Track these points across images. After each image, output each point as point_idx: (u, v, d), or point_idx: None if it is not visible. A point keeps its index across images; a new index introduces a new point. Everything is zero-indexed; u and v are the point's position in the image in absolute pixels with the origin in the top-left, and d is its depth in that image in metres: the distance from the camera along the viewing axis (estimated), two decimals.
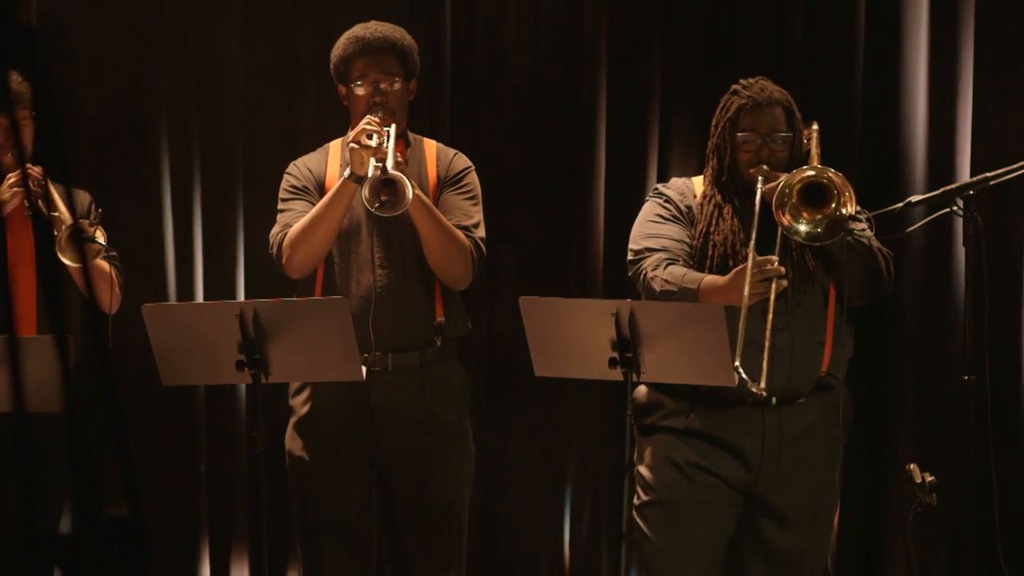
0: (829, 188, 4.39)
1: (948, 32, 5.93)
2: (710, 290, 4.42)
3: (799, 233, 4.39)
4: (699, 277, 4.46)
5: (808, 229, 4.39)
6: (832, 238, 4.40)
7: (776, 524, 4.59)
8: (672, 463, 4.57)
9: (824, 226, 4.39)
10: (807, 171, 4.41)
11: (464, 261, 4.83)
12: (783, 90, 4.66)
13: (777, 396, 4.53)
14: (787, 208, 4.37)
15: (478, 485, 6.08)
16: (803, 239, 4.41)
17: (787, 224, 4.36)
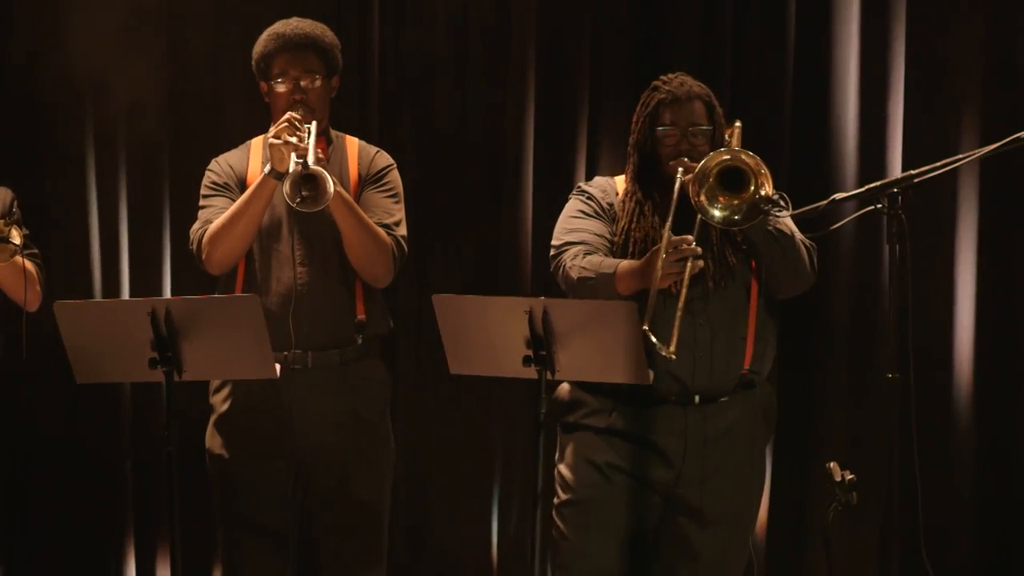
0: (746, 172, 4.37)
1: (879, 27, 5.92)
2: (626, 273, 4.42)
3: (715, 217, 4.37)
4: (616, 262, 4.46)
5: (725, 214, 4.37)
6: (749, 223, 4.39)
7: (698, 523, 4.58)
8: (591, 463, 4.56)
9: (742, 211, 4.37)
10: (723, 154, 4.39)
11: (385, 259, 4.81)
12: (703, 85, 4.65)
13: (700, 394, 4.53)
14: (704, 192, 4.35)
15: (405, 483, 6.08)
16: (719, 223, 4.39)
17: (703, 207, 4.34)
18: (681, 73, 4.67)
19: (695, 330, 4.48)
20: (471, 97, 6.13)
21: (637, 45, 6.05)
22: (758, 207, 4.35)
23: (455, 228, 6.10)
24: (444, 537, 6.18)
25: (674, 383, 4.49)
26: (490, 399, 6.06)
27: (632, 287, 4.41)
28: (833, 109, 5.96)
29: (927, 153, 5.22)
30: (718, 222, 4.38)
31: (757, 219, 4.37)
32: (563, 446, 4.65)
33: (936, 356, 5.93)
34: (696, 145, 4.55)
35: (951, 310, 5.94)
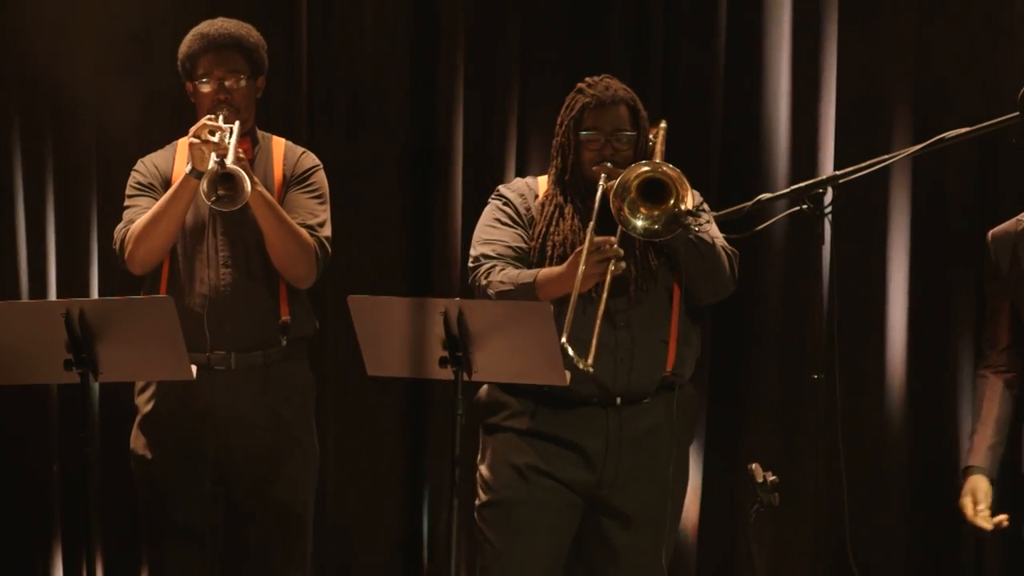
0: (667, 184, 4.37)
1: (811, 28, 5.94)
2: (547, 279, 4.42)
3: (636, 228, 4.37)
4: (535, 271, 4.46)
5: (645, 224, 4.38)
6: (670, 234, 4.39)
7: (619, 525, 4.58)
8: (511, 465, 4.56)
9: (662, 222, 4.37)
10: (644, 167, 4.40)
11: (307, 260, 4.80)
12: (628, 88, 4.64)
13: (621, 396, 4.52)
14: (626, 203, 4.35)
15: (335, 485, 6.07)
16: (640, 235, 4.39)
17: (624, 218, 4.34)
18: (606, 76, 4.66)
19: (616, 333, 4.48)
20: (399, 97, 6.11)
21: (567, 43, 6.04)
22: (678, 219, 4.36)
23: (385, 228, 6.09)
24: (374, 538, 6.17)
25: (595, 386, 4.49)
26: (420, 400, 6.05)
27: (554, 293, 4.40)
28: (764, 109, 5.97)
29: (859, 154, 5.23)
30: (639, 233, 4.38)
31: (677, 231, 4.37)
32: (484, 448, 4.65)
33: (868, 357, 5.95)
34: (620, 150, 4.55)
35: (883, 311, 5.95)
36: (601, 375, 4.46)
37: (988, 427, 4.46)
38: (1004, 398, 4.46)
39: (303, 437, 4.93)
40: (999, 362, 4.48)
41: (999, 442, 4.43)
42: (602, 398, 4.51)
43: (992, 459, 4.42)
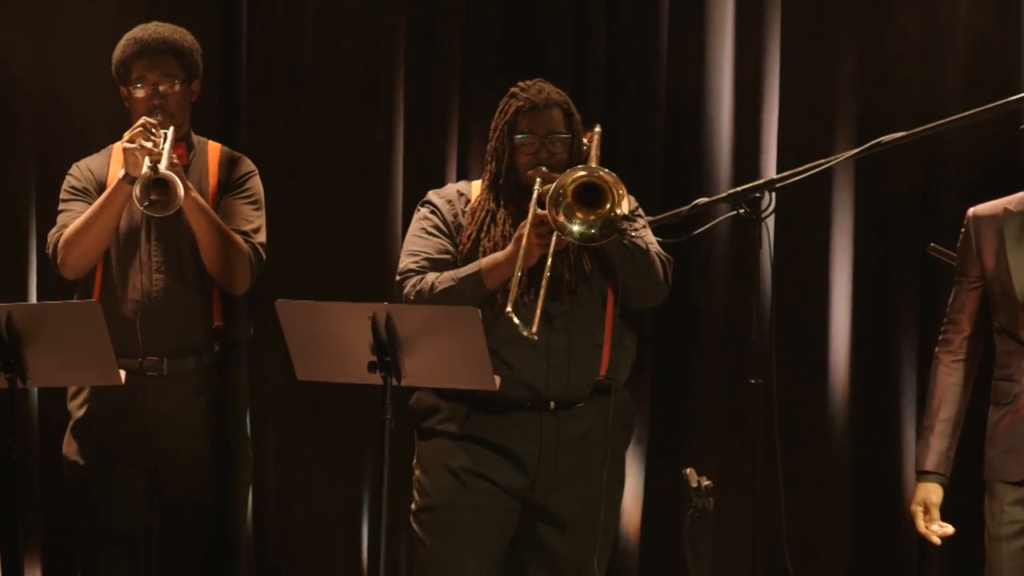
0: (603, 189, 4.37)
1: (754, 31, 5.94)
2: (493, 263, 4.41)
3: (572, 233, 4.37)
4: (478, 262, 4.45)
5: (582, 229, 4.37)
6: (606, 238, 4.39)
7: (554, 529, 4.56)
8: (447, 468, 4.54)
9: (598, 226, 4.37)
10: (579, 171, 4.39)
11: (241, 266, 4.80)
12: (561, 92, 4.63)
13: (555, 400, 4.51)
14: (561, 208, 4.35)
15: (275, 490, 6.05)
16: (576, 239, 4.39)
17: (560, 223, 4.34)
18: (539, 80, 4.65)
19: (549, 337, 4.46)
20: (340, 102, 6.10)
21: (509, 45, 6.04)
22: (614, 224, 4.35)
23: (323, 232, 6.07)
24: (314, 543, 6.15)
25: (527, 390, 4.48)
26: (357, 404, 6.04)
27: (502, 275, 4.39)
28: (707, 112, 5.98)
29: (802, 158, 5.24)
30: (576, 238, 4.38)
31: (612, 236, 4.37)
32: (420, 452, 4.64)
33: (811, 360, 5.96)
34: (554, 153, 4.54)
35: (826, 314, 5.96)
36: (533, 379, 4.46)
37: (941, 428, 4.43)
38: (958, 395, 4.42)
39: (236, 443, 4.93)
40: (958, 349, 4.44)
41: (952, 445, 4.39)
42: (535, 402, 4.50)
43: (946, 465, 4.39)
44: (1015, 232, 4.27)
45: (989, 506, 4.30)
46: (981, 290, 4.38)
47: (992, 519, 4.28)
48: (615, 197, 4.35)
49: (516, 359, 4.43)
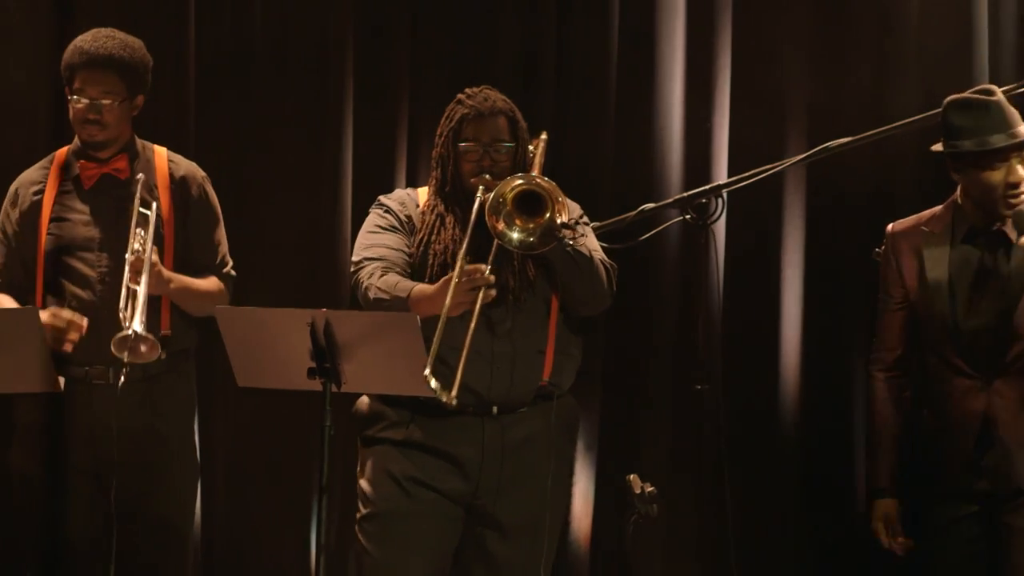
0: (543, 197, 4.38)
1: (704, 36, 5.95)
2: (419, 298, 4.41)
3: (512, 241, 4.38)
4: (411, 285, 4.45)
5: (521, 237, 4.39)
6: (545, 247, 4.40)
7: (499, 535, 4.57)
8: (390, 476, 4.54)
9: (538, 235, 4.38)
10: (518, 179, 4.41)
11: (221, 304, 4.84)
12: (507, 100, 4.64)
13: (498, 405, 4.52)
14: (501, 216, 4.36)
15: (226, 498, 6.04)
16: (516, 247, 4.40)
17: (500, 231, 4.35)
18: (486, 87, 4.66)
19: (493, 343, 4.48)
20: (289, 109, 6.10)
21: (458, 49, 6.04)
22: (553, 232, 4.36)
23: (273, 237, 6.06)
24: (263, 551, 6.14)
25: (470, 395, 4.48)
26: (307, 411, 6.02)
27: (424, 311, 4.38)
28: (657, 118, 5.99)
29: (754, 163, 5.27)
30: (515, 246, 4.39)
31: (552, 244, 4.38)
32: (363, 460, 4.64)
33: (762, 365, 5.97)
34: (498, 161, 4.55)
35: (777, 319, 5.97)
36: (476, 384, 4.47)
37: (888, 444, 4.49)
38: (895, 413, 4.49)
39: (183, 450, 4.93)
40: (892, 367, 4.51)
41: (897, 460, 4.45)
42: (478, 407, 4.51)
43: (896, 478, 4.44)
44: (934, 255, 4.30)
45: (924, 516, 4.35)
46: (907, 311, 4.43)
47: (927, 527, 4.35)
48: (554, 205, 4.37)
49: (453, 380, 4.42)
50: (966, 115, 4.27)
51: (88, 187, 4.84)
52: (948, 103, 4.34)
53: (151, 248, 4.66)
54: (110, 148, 4.84)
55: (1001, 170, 4.25)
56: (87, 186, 4.84)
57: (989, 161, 4.26)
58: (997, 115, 4.25)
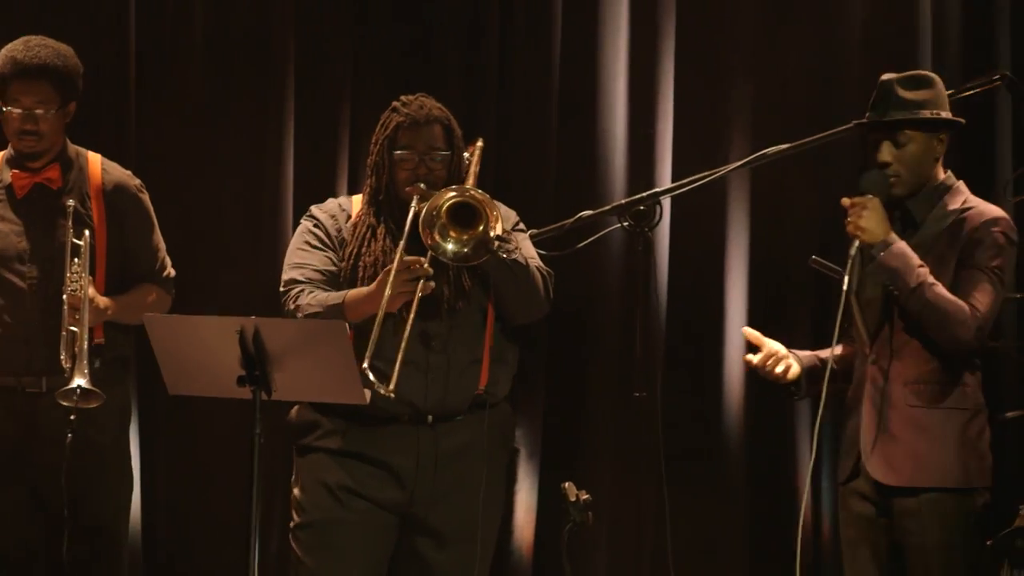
0: (477, 209, 4.38)
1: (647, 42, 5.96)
2: (356, 299, 4.41)
3: (446, 252, 4.38)
4: (344, 292, 4.45)
5: (455, 248, 4.39)
6: (479, 259, 4.40)
7: (433, 543, 4.55)
8: (324, 485, 4.53)
9: (471, 246, 4.38)
10: (451, 192, 4.40)
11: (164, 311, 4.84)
12: (443, 107, 4.63)
13: (433, 413, 4.51)
14: (436, 227, 4.36)
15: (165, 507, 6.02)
16: (450, 258, 4.39)
17: (433, 243, 4.35)
18: (421, 95, 4.65)
19: (428, 352, 4.47)
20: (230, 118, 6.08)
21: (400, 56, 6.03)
22: (486, 244, 4.36)
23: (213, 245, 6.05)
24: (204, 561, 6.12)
25: (405, 404, 4.47)
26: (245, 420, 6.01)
27: (363, 312, 4.39)
28: (600, 123, 5.98)
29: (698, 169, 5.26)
30: (449, 257, 4.39)
31: (485, 256, 4.38)
32: (298, 469, 4.62)
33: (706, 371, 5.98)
34: (433, 169, 4.54)
35: (721, 325, 5.98)
36: (410, 394, 4.46)
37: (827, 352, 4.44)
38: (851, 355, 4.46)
39: (118, 458, 4.92)
40: None
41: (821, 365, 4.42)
42: (413, 416, 4.49)
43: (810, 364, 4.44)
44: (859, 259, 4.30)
45: None
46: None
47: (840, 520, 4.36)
48: (488, 217, 4.37)
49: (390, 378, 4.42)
50: (878, 90, 4.28)
51: (20, 196, 4.82)
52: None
53: (87, 280, 4.66)
54: (44, 157, 4.82)
55: (881, 148, 4.26)
56: (19, 195, 4.82)
57: (874, 137, 4.28)
58: (891, 95, 4.24)
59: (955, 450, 4.20)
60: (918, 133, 4.25)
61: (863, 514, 4.22)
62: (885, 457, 4.20)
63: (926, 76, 4.33)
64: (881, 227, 4.15)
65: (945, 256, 4.21)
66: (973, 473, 4.23)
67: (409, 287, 4.32)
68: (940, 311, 4.12)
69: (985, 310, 4.15)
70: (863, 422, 4.23)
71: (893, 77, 4.28)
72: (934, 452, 4.18)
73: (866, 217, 4.15)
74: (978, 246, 4.20)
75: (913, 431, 4.19)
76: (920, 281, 4.11)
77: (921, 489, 4.18)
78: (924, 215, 4.26)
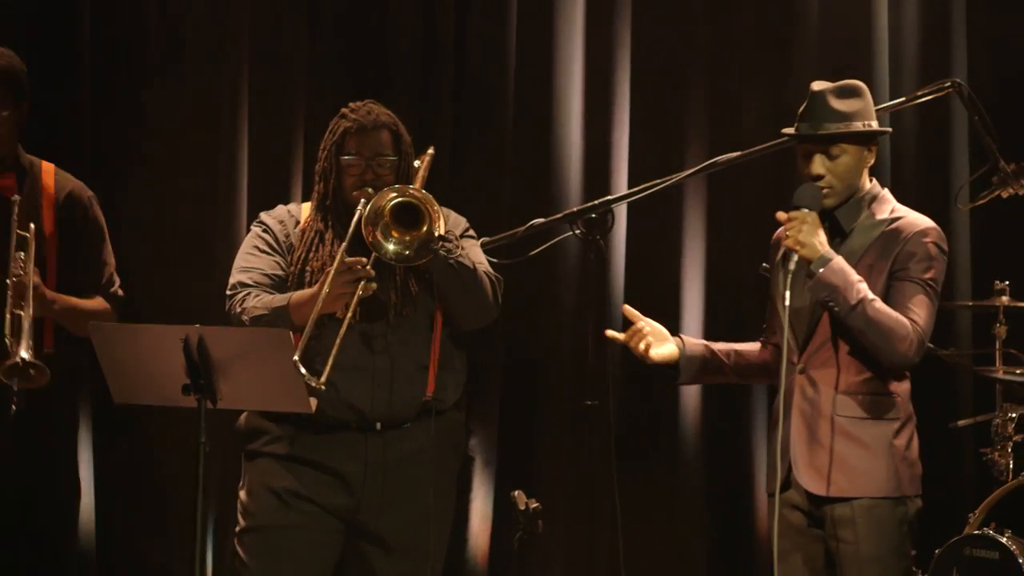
0: (420, 209, 4.37)
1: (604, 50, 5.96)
2: (300, 301, 4.41)
3: (388, 252, 4.38)
4: (289, 295, 4.45)
5: (397, 249, 4.39)
6: (422, 259, 4.40)
7: (381, 551, 4.54)
8: (270, 490, 4.52)
9: (414, 247, 4.38)
10: (393, 192, 4.40)
11: None
12: (391, 114, 4.63)
13: (381, 420, 4.50)
14: (379, 227, 4.36)
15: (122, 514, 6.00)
16: (392, 259, 4.39)
17: (375, 242, 4.35)
18: (370, 101, 4.65)
19: (374, 358, 4.46)
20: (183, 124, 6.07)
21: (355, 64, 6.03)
22: (428, 245, 4.35)
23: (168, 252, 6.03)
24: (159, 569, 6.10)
25: (352, 411, 4.47)
26: None
27: (306, 314, 4.37)
28: (556, 131, 5.99)
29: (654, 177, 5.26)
30: (391, 257, 4.39)
31: (428, 257, 4.37)
32: (245, 473, 4.62)
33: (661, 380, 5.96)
34: (381, 175, 4.53)
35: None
36: (357, 400, 4.45)
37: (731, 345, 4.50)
38: (757, 355, 4.49)
39: (66, 469, 4.90)
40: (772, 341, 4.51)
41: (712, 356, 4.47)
42: (361, 423, 4.49)
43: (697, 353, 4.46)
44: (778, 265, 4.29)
45: None
46: None
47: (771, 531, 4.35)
48: (431, 217, 4.37)
49: (341, 380, 4.41)
50: (808, 101, 4.25)
51: None
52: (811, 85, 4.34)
53: (32, 271, 4.62)
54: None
55: (814, 160, 4.24)
56: None
57: (806, 148, 4.27)
58: (823, 106, 4.22)
59: (886, 460, 4.18)
60: (851, 145, 4.24)
61: (795, 524, 4.20)
62: (816, 468, 4.18)
63: (856, 86, 4.28)
64: (820, 242, 4.13)
65: (875, 267, 4.20)
66: (905, 482, 4.21)
67: (350, 288, 4.32)
68: (883, 328, 4.11)
69: (925, 324, 4.15)
70: (793, 433, 4.21)
71: (824, 88, 4.26)
72: (866, 463, 4.17)
73: (805, 232, 4.12)
74: (911, 258, 4.18)
75: (844, 442, 4.18)
76: (861, 297, 4.09)
77: (855, 497, 4.17)
78: (852, 223, 4.25)
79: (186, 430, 5.76)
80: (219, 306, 5.90)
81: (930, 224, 4.25)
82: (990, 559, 5.07)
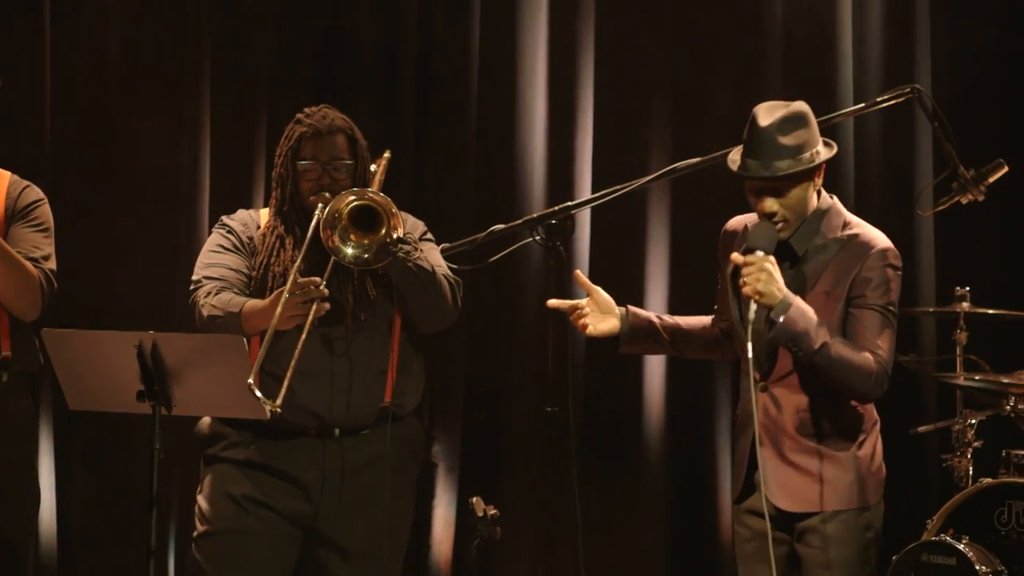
0: (378, 212, 4.37)
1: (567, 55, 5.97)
2: (251, 312, 4.40)
3: (346, 256, 4.37)
4: (243, 301, 4.44)
5: (355, 253, 4.37)
6: (380, 262, 4.39)
7: (339, 557, 4.54)
8: (228, 495, 4.52)
9: (372, 251, 4.37)
10: (351, 194, 4.39)
11: (32, 292, 4.72)
12: (346, 118, 4.63)
13: (340, 426, 4.50)
14: (337, 231, 4.35)
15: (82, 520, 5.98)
16: (350, 262, 4.38)
17: (334, 246, 4.34)
18: (325, 105, 4.65)
19: (333, 363, 4.46)
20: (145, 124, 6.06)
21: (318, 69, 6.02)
22: (387, 248, 4.34)
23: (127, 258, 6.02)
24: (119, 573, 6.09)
25: (311, 417, 4.46)
26: None
27: (257, 326, 4.37)
28: (519, 138, 5.99)
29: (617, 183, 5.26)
30: (350, 261, 4.38)
31: (387, 260, 4.36)
32: (203, 479, 4.61)
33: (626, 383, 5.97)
34: (338, 179, 4.53)
35: None
36: (316, 406, 4.45)
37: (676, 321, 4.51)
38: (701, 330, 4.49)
39: (24, 473, 4.84)
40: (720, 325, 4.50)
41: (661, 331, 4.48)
42: (319, 429, 4.48)
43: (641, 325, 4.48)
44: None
45: None
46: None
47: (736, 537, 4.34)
48: (390, 221, 4.36)
49: (299, 386, 4.40)
50: (754, 135, 4.20)
51: None
52: (753, 112, 4.26)
53: None
54: None
55: (764, 201, 4.18)
56: None
57: (754, 185, 4.21)
58: (771, 143, 4.14)
59: (853, 474, 4.17)
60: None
61: (760, 531, 4.17)
62: (782, 484, 4.17)
63: (798, 113, 4.17)
64: (778, 288, 4.05)
65: (832, 293, 4.14)
66: (870, 490, 4.21)
67: (302, 310, 4.30)
68: (845, 368, 4.06)
69: (887, 355, 4.11)
70: (758, 448, 4.18)
71: (769, 124, 4.12)
72: (832, 477, 4.15)
73: (764, 281, 4.04)
74: (867, 284, 4.13)
75: (808, 458, 4.16)
76: (824, 341, 4.04)
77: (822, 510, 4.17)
78: (804, 246, 4.19)
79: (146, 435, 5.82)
80: (181, 312, 5.95)
81: (884, 244, 4.19)
82: (947, 565, 5.07)
